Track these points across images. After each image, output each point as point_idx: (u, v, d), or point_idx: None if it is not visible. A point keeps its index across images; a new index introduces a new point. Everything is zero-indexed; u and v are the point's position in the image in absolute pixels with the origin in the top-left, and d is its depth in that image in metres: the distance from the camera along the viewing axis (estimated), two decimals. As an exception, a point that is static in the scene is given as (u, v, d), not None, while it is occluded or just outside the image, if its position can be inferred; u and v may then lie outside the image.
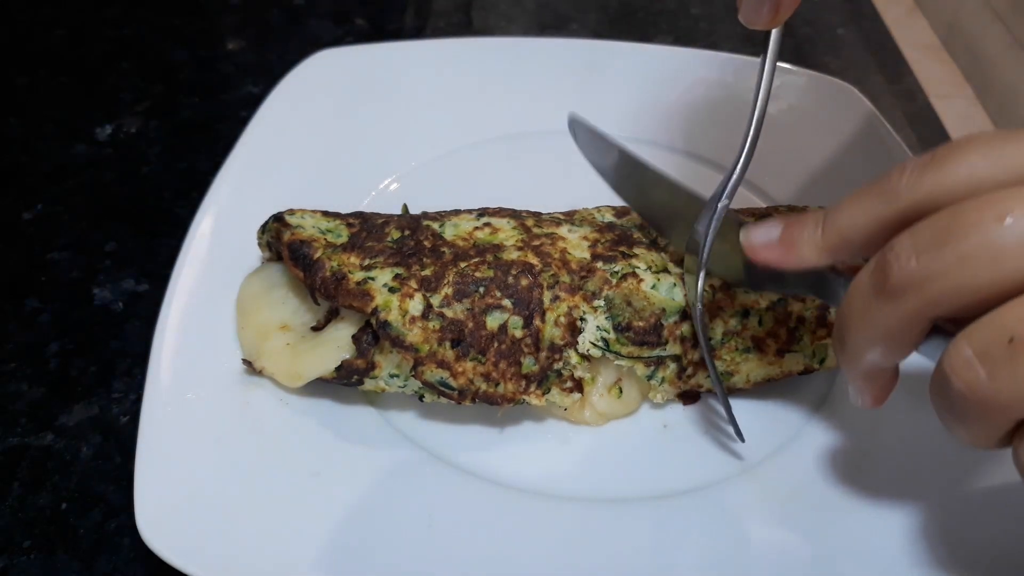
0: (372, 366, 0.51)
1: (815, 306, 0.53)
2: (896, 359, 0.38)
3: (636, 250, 0.55)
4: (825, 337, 0.53)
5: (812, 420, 0.54)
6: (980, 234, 0.32)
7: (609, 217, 0.60)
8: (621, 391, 0.53)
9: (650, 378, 0.52)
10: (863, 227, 0.38)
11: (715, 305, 0.52)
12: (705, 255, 0.49)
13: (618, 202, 0.61)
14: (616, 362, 0.51)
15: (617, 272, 0.52)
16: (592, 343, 0.51)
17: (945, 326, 0.35)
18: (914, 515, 0.48)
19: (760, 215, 0.60)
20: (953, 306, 0.33)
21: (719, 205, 0.48)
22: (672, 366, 0.52)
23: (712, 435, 0.54)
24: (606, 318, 0.51)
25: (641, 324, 0.51)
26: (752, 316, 0.52)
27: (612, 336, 0.51)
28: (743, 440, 0.52)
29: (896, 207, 0.36)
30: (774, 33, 0.45)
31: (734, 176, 0.48)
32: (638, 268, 0.53)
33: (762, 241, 0.43)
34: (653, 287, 0.52)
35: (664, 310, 0.51)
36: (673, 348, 0.52)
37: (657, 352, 0.51)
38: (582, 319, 0.51)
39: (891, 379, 0.42)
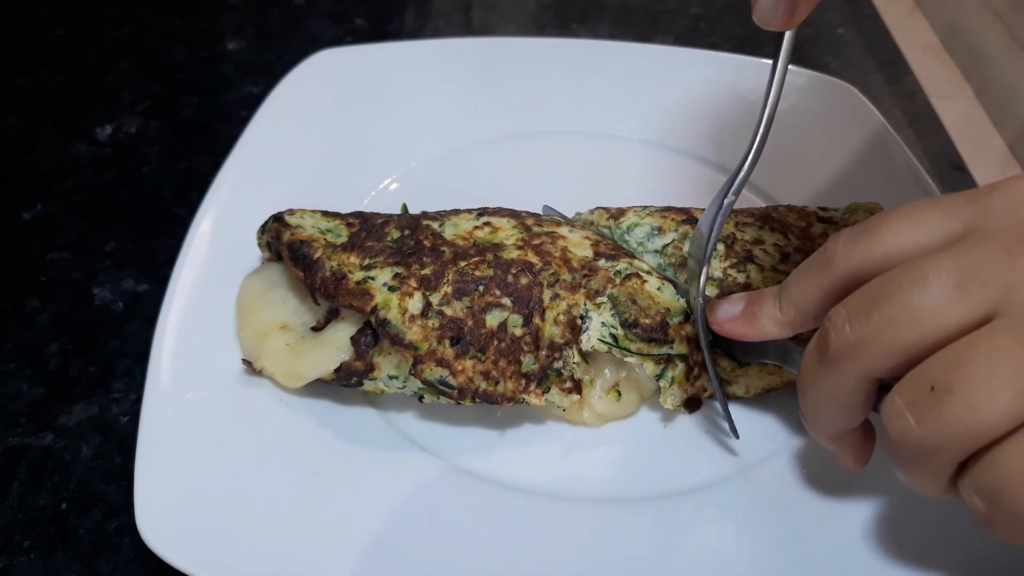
0: (371, 368, 0.51)
1: None
2: (852, 421, 0.41)
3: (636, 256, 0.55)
4: None
5: (812, 420, 0.54)
6: (901, 298, 0.35)
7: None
8: (620, 394, 0.53)
9: (659, 378, 0.52)
10: (812, 298, 0.42)
11: None
12: (709, 250, 0.49)
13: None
14: (626, 359, 0.51)
15: (620, 271, 0.52)
16: (600, 339, 0.51)
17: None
18: (912, 515, 0.48)
19: (760, 215, 0.60)
20: (887, 365, 0.36)
21: (724, 201, 0.48)
22: (680, 366, 0.52)
23: (711, 436, 0.54)
24: (612, 315, 0.51)
25: (648, 322, 0.51)
26: None
27: (620, 332, 0.51)
28: (737, 436, 0.52)
29: (835, 275, 0.40)
30: (788, 34, 0.45)
31: (741, 174, 0.48)
32: (641, 269, 0.53)
33: (726, 316, 0.47)
34: (659, 289, 0.52)
35: (669, 310, 0.51)
36: (680, 348, 0.51)
37: (666, 350, 0.51)
38: (583, 317, 0.51)
39: (862, 440, 0.44)
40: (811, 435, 0.44)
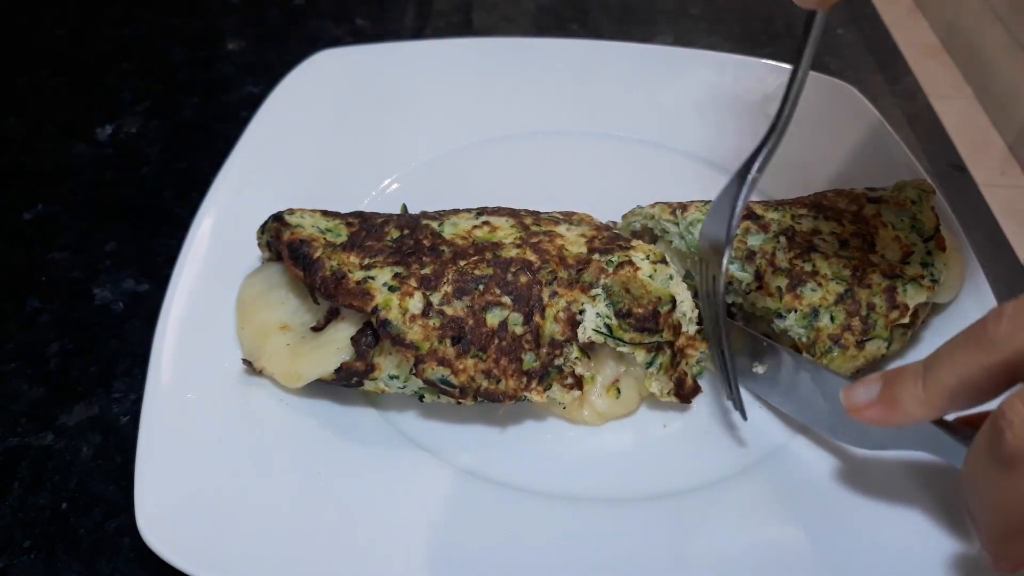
0: (371, 368, 0.51)
1: (881, 289, 0.54)
2: None
3: (634, 243, 0.55)
4: (899, 319, 0.53)
5: (812, 420, 0.54)
6: None
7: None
8: (619, 392, 0.53)
9: (649, 365, 0.52)
10: (968, 381, 0.37)
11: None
12: (734, 229, 0.47)
13: (617, 212, 0.61)
14: (618, 348, 0.51)
15: (613, 261, 0.53)
16: (595, 330, 0.51)
17: None
18: (913, 514, 0.48)
19: (811, 204, 0.60)
20: None
21: (750, 177, 0.46)
22: (668, 352, 0.53)
23: (711, 436, 0.54)
24: (606, 305, 0.51)
25: (640, 311, 0.51)
26: (823, 314, 0.53)
27: (615, 322, 0.51)
28: (745, 418, 0.52)
29: (1000, 358, 0.36)
30: (819, 14, 0.43)
31: (767, 148, 0.46)
32: (636, 257, 0.53)
33: (864, 401, 0.42)
34: (651, 276, 0.53)
35: (660, 299, 0.52)
36: (667, 335, 0.52)
37: (656, 338, 0.51)
38: (581, 312, 0.51)
39: None
40: (975, 533, 0.40)
